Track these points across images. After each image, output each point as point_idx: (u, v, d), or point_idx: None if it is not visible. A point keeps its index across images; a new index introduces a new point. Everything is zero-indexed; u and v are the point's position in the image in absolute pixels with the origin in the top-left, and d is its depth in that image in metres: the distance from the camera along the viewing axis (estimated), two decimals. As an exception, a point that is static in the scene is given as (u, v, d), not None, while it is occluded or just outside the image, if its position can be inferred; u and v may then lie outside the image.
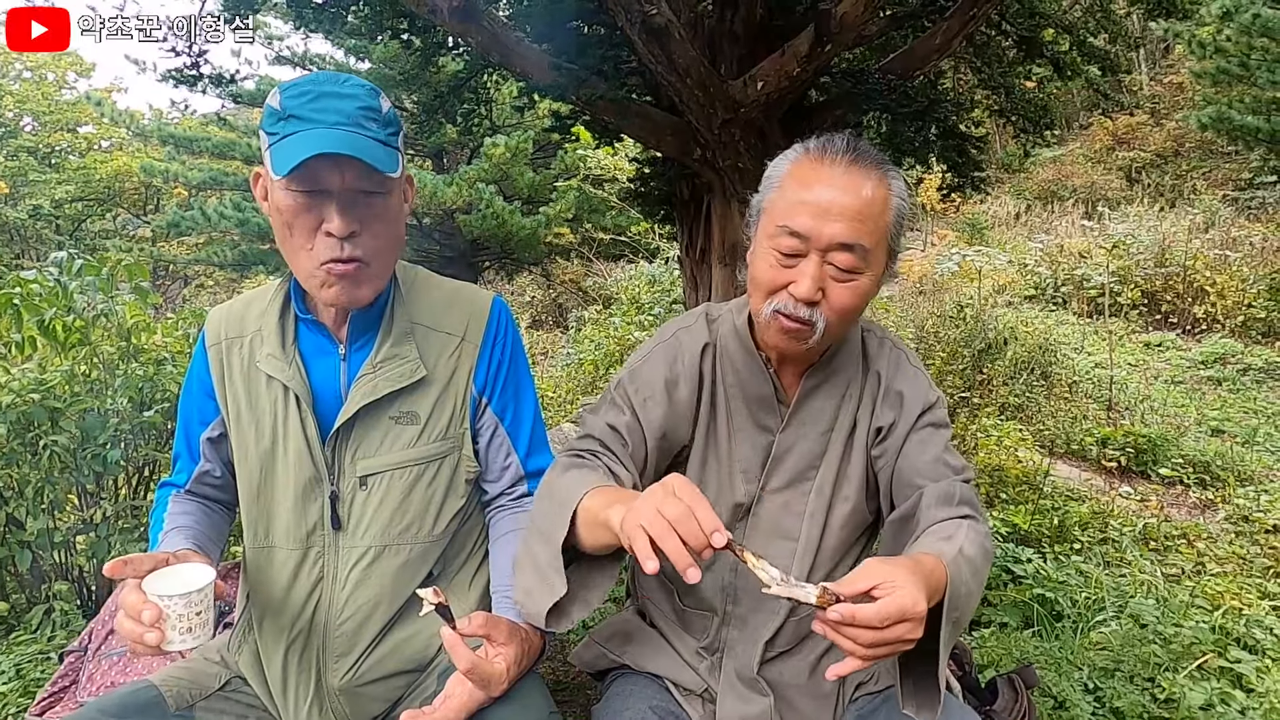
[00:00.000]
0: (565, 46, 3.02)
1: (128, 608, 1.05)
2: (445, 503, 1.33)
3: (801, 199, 1.16)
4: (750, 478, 1.32)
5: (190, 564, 1.14)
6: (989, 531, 1.22)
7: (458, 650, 1.07)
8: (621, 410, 1.32)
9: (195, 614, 1.07)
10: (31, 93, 17.23)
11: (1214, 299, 7.80)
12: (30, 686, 2.34)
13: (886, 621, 0.88)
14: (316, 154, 1.10)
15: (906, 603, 0.88)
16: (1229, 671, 2.40)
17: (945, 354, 5.40)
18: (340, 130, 1.15)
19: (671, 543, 0.92)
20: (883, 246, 1.18)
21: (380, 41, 8.70)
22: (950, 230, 13.69)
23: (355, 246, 1.19)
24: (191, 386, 1.40)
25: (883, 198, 1.16)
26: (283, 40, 11.49)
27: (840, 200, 1.13)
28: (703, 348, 1.35)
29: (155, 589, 1.06)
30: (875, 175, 1.16)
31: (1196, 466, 4.49)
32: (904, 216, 1.21)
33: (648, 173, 4.13)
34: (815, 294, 1.15)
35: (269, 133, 1.18)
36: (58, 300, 2.67)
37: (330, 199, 1.16)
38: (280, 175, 1.12)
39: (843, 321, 1.20)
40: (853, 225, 1.13)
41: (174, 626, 1.06)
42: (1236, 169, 13.33)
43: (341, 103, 1.16)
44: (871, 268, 1.17)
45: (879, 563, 0.94)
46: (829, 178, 1.15)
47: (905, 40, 3.36)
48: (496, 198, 10.24)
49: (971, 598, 1.06)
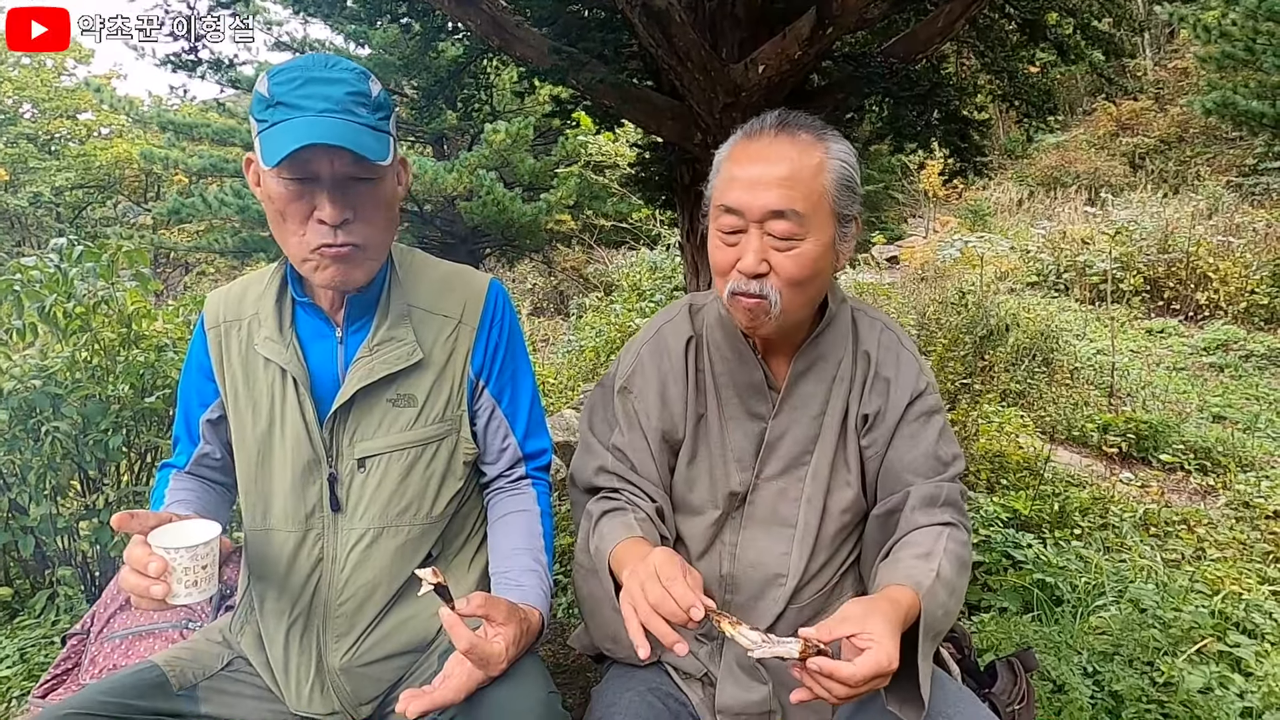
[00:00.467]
0: (565, 30, 3.00)
1: (133, 561, 1.06)
2: (444, 484, 1.34)
3: (734, 176, 1.18)
4: (745, 466, 1.31)
5: (195, 521, 1.15)
6: (968, 539, 1.25)
7: (456, 630, 1.08)
8: (622, 428, 1.36)
9: (201, 568, 1.08)
10: (31, 79, 17.18)
11: (1216, 285, 7.77)
12: (35, 670, 2.36)
13: (861, 683, 0.95)
14: (304, 145, 1.10)
15: (882, 661, 0.95)
16: (1228, 656, 2.41)
17: (947, 341, 5.39)
18: (328, 118, 1.14)
19: (655, 625, 0.99)
20: (823, 210, 1.17)
21: (379, 26, 8.66)
22: (952, 216, 13.64)
23: (348, 233, 1.19)
24: (190, 369, 1.40)
25: (816, 161, 1.16)
26: (282, 26, 11.44)
27: (770, 170, 1.15)
28: (687, 341, 1.36)
29: (161, 542, 1.07)
30: (805, 140, 1.18)
31: (1197, 452, 4.49)
32: (847, 179, 1.19)
33: (648, 158, 4.11)
34: (759, 266, 1.16)
35: (258, 119, 1.17)
36: (58, 287, 2.67)
37: (321, 186, 1.16)
38: (270, 166, 1.12)
39: (796, 291, 1.19)
40: (782, 192, 1.14)
41: (180, 580, 1.06)
42: (1241, 155, 13.24)
43: (330, 88, 1.16)
44: (813, 233, 1.16)
45: (859, 609, 1.01)
46: (757, 151, 1.18)
47: (907, 23, 3.33)
48: (497, 184, 10.21)
49: (949, 617, 1.11)
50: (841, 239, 1.21)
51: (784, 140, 1.18)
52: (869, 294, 7.30)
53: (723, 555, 1.32)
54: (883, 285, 7.98)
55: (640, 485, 1.32)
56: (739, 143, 1.22)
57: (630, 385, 1.37)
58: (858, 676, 0.94)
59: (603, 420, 1.41)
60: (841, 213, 1.19)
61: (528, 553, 1.34)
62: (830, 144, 1.19)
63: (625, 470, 1.34)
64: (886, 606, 1.02)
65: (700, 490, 1.34)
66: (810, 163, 1.16)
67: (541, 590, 1.30)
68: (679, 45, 2.49)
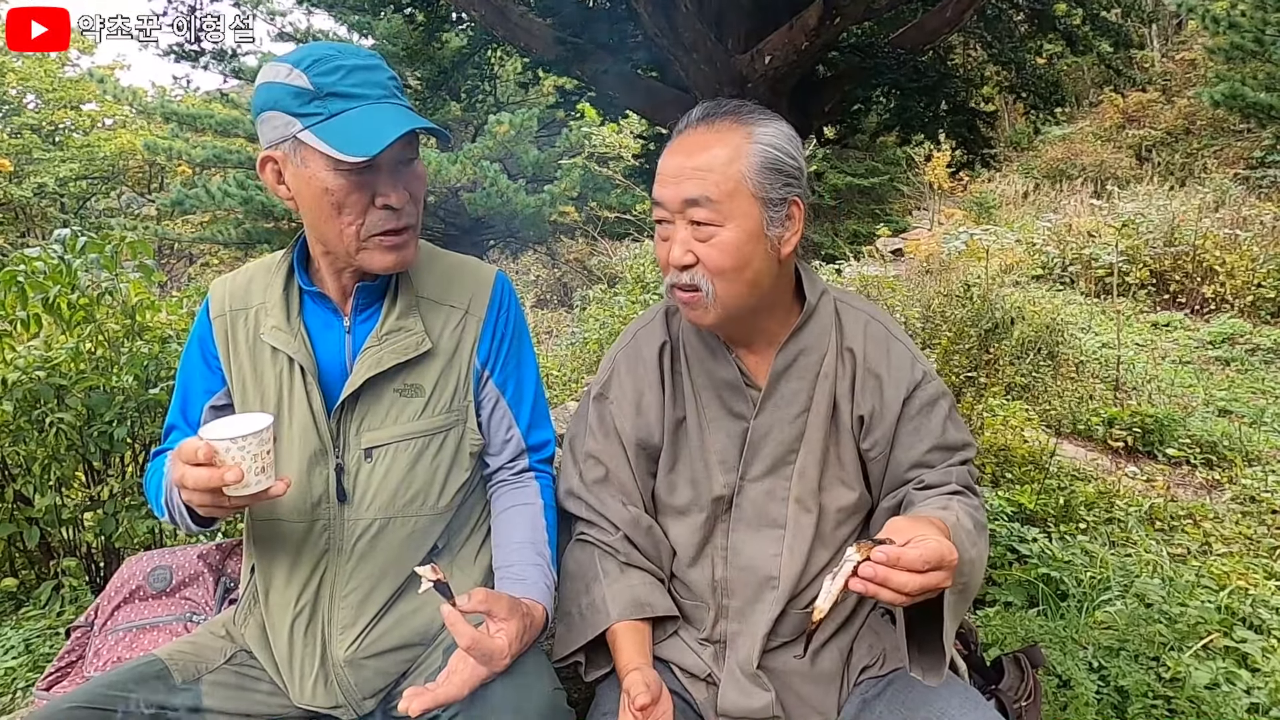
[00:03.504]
0: (570, 20, 2.97)
1: (187, 454, 1.05)
2: (450, 475, 1.33)
3: (660, 170, 1.22)
4: (729, 468, 1.30)
5: (238, 415, 1.17)
6: (981, 505, 1.23)
7: (458, 627, 1.07)
8: (597, 435, 1.38)
9: (265, 451, 1.08)
10: (35, 70, 17.13)
11: (1223, 279, 7.73)
12: (40, 661, 2.36)
13: (927, 565, 0.93)
14: (405, 131, 1.13)
15: (945, 549, 0.95)
16: (1234, 651, 2.40)
17: (952, 333, 5.37)
18: (390, 104, 1.17)
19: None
20: (741, 195, 1.16)
21: (383, 17, 8.63)
22: (958, 209, 13.59)
23: (409, 215, 1.22)
24: (193, 355, 1.39)
25: (732, 146, 1.17)
26: (285, 16, 11.40)
27: (688, 160, 1.18)
28: (660, 346, 1.36)
29: (221, 434, 1.06)
30: (725, 127, 1.19)
31: (1203, 447, 4.47)
32: (771, 161, 1.17)
33: (653, 149, 4.09)
34: (684, 256, 1.18)
35: (303, 113, 1.14)
36: (62, 278, 2.66)
37: (381, 173, 1.17)
38: (365, 156, 1.11)
39: (724, 282, 1.18)
40: (694, 181, 1.16)
41: (250, 468, 1.06)
42: (1248, 147, 13.16)
43: (374, 74, 1.18)
44: (731, 219, 1.16)
45: (904, 521, 1.01)
46: (680, 144, 1.21)
47: (915, 14, 3.31)
48: (501, 175, 10.18)
49: (974, 565, 1.08)
50: (772, 224, 1.19)
51: (703, 130, 1.20)
52: (873, 287, 7.27)
53: (715, 560, 1.32)
54: (887, 278, 7.94)
55: (608, 514, 1.34)
56: (672, 139, 1.24)
57: (606, 392, 1.39)
58: (924, 557, 0.93)
59: (580, 431, 1.43)
60: (766, 196, 1.17)
61: (531, 546, 1.33)
62: (755, 128, 1.19)
63: (592, 495, 1.36)
64: (928, 520, 1.02)
65: (682, 494, 1.33)
66: (727, 149, 1.17)
67: (545, 584, 1.29)
68: (685, 35, 2.47)
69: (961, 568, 1.01)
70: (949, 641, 1.01)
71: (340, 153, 1.11)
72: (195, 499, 1.08)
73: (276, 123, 1.16)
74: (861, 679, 1.29)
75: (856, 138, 4.02)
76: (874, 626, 1.33)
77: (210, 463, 1.04)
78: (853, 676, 1.30)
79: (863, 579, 0.95)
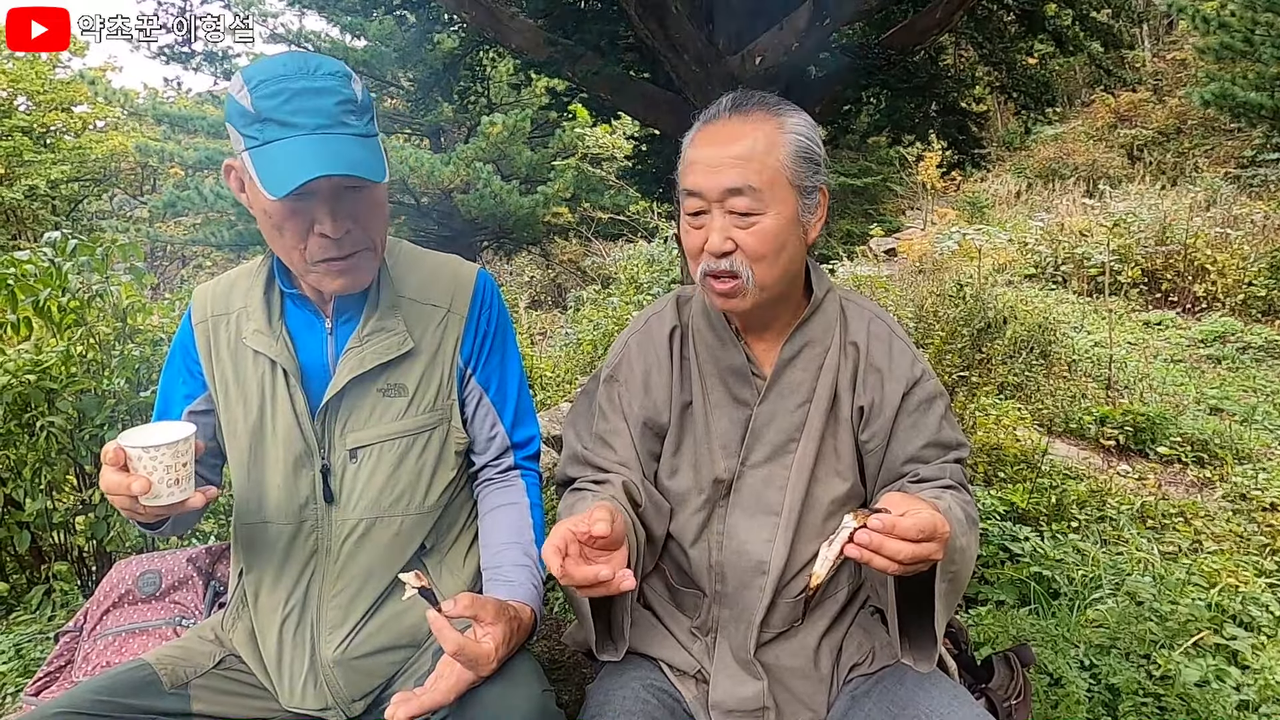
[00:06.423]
0: (561, 22, 2.98)
1: (106, 457, 1.06)
2: (436, 474, 1.34)
3: (694, 160, 1.23)
4: (730, 453, 1.31)
5: (166, 422, 1.16)
6: (973, 502, 1.25)
7: (444, 632, 1.07)
8: (605, 414, 1.38)
9: (181, 465, 1.08)
10: (25, 72, 17.05)
11: (1214, 277, 7.77)
12: (30, 666, 2.35)
13: (921, 535, 0.96)
14: (315, 176, 1.07)
15: (937, 521, 0.97)
16: (1225, 648, 2.41)
17: (944, 333, 5.38)
18: (323, 135, 1.11)
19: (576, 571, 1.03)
20: (780, 183, 1.19)
21: (375, 18, 8.62)
22: (950, 209, 13.62)
23: (352, 242, 1.19)
24: (175, 361, 1.39)
25: (768, 136, 1.19)
26: (277, 18, 11.36)
27: (725, 150, 1.19)
28: (671, 331, 1.38)
29: (136, 442, 1.06)
30: (758, 117, 1.21)
31: (1195, 445, 4.49)
32: (804, 150, 1.21)
33: (645, 150, 4.10)
34: (724, 244, 1.19)
35: (244, 134, 1.13)
36: (52, 281, 2.65)
37: (319, 199, 1.15)
38: (276, 197, 1.08)
39: (764, 267, 1.21)
40: (737, 170, 1.17)
41: (162, 479, 1.06)
42: (1239, 146, 13.22)
43: (319, 100, 1.12)
44: (773, 206, 1.19)
45: (898, 495, 1.03)
46: (713, 134, 1.22)
47: (905, 15, 3.32)
48: (494, 177, 10.18)
49: (964, 554, 1.11)
50: (806, 210, 1.23)
51: (737, 120, 1.21)
52: (866, 286, 7.29)
53: (711, 544, 1.32)
54: (880, 278, 7.95)
55: (611, 469, 1.34)
56: (699, 128, 1.25)
57: (616, 374, 1.39)
58: (918, 526, 0.95)
59: (584, 417, 1.43)
60: (801, 184, 1.21)
61: (518, 547, 1.34)
62: (785, 118, 1.22)
63: (597, 456, 1.36)
64: (922, 499, 1.04)
65: (685, 477, 1.34)
66: (764, 138, 1.19)
67: (533, 585, 1.30)
68: (675, 37, 2.48)
69: (952, 555, 1.04)
70: (940, 626, 1.04)
71: (262, 185, 1.10)
72: (114, 502, 1.09)
73: (233, 136, 1.16)
74: (851, 676, 1.30)
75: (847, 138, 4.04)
76: (864, 625, 1.34)
77: (124, 468, 1.05)
78: (843, 674, 1.30)
79: (858, 545, 0.98)
